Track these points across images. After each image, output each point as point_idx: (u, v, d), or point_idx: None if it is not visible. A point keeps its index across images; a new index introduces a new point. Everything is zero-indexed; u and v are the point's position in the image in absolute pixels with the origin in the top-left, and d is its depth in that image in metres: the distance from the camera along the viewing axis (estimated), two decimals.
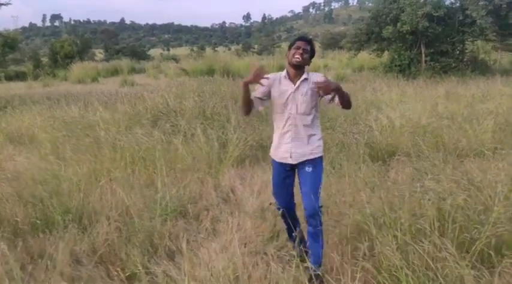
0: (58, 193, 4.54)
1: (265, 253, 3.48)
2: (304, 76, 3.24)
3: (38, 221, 3.94)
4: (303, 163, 3.27)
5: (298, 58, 3.18)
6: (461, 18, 17.92)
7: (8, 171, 5.58)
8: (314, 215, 3.12)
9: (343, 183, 4.66)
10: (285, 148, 3.30)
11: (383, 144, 6.12)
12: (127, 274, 3.25)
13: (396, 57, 18.22)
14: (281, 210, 3.43)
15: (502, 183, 3.52)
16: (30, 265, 3.26)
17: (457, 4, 18.38)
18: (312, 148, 3.27)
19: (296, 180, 3.40)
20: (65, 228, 3.80)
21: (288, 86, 3.25)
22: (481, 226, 3.03)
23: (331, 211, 4.13)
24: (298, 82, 3.23)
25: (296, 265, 2.81)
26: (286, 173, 3.36)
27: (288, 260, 2.92)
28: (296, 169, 3.35)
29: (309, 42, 3.28)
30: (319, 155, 3.28)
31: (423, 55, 17.88)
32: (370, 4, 19.52)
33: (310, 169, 3.23)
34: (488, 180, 3.83)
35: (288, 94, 3.24)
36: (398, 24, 17.28)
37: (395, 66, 18.03)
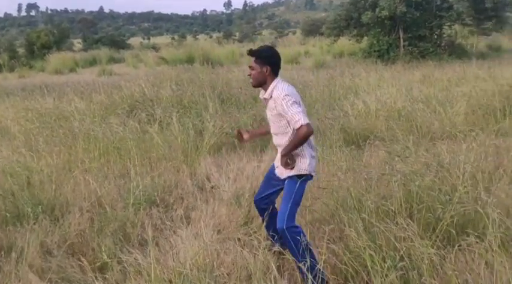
0: (30, 185, 4.47)
1: (238, 239, 3.50)
2: (268, 91, 3.01)
3: (7, 215, 3.88)
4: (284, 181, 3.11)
5: (251, 81, 3.11)
6: (438, 3, 18.05)
7: None
8: (280, 233, 2.93)
9: (317, 167, 4.68)
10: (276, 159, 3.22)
11: (358, 129, 6.16)
12: (98, 264, 3.23)
13: (375, 42, 18.28)
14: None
15: (469, 163, 3.58)
16: None
17: None
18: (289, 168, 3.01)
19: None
20: (35, 220, 3.75)
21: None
22: (447, 206, 3.08)
23: (305, 196, 4.14)
24: (262, 98, 3.11)
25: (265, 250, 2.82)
26: (274, 175, 3.24)
27: (258, 245, 2.92)
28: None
29: (254, 53, 3.04)
30: (295, 173, 3.00)
31: (401, 40, 17.97)
32: None
33: (286, 185, 3.05)
34: (457, 161, 3.89)
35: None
36: (377, 10, 17.30)
37: (374, 51, 18.10)
